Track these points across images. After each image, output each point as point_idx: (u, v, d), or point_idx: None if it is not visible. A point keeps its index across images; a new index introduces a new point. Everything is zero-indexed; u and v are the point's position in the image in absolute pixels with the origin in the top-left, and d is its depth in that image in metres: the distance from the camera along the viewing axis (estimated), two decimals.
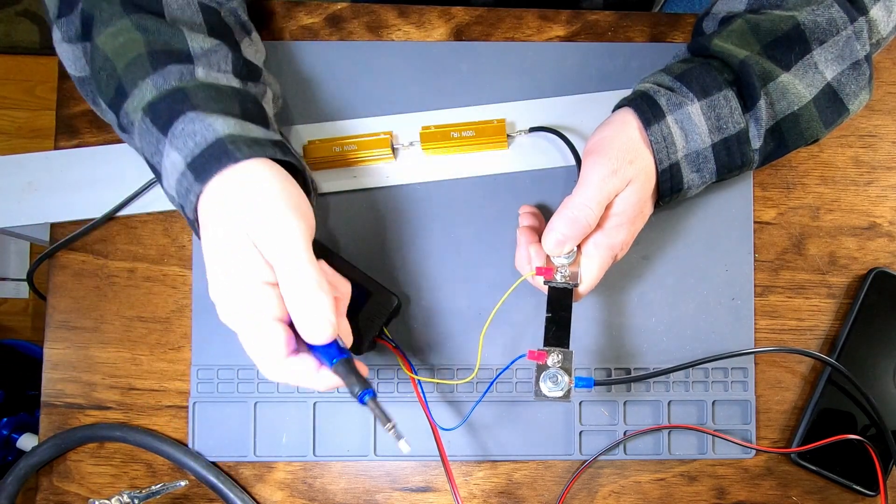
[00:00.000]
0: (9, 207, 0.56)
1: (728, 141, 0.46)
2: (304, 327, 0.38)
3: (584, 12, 0.59)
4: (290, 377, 0.40)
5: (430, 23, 0.58)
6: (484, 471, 0.56)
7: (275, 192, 0.39)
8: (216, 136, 0.40)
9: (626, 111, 0.47)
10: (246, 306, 0.38)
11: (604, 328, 0.57)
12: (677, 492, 0.57)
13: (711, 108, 0.45)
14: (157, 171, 0.43)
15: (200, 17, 0.47)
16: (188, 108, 0.41)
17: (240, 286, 0.38)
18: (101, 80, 0.44)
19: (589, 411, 0.56)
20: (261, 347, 0.39)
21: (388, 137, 0.55)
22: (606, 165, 0.45)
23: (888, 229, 0.58)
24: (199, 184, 0.39)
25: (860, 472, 0.55)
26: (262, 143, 0.41)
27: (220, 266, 0.39)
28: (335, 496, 0.56)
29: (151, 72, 0.42)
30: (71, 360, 0.56)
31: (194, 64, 0.44)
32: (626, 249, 0.48)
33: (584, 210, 0.44)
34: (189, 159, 0.40)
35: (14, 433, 1.18)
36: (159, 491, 0.53)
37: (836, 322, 0.58)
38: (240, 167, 0.39)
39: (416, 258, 0.56)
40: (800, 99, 0.46)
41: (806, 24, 0.45)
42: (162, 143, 0.41)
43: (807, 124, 0.46)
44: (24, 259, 1.45)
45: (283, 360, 0.39)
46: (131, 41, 0.43)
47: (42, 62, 1.49)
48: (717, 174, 0.47)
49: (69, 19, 0.45)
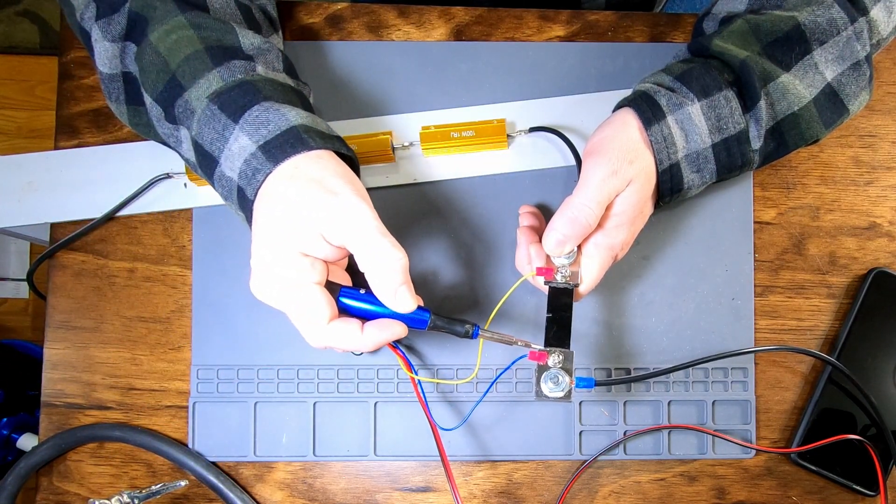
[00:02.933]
0: (9, 207, 0.56)
1: (728, 141, 0.46)
2: (391, 300, 0.40)
3: (584, 12, 0.59)
4: (336, 340, 0.41)
5: (430, 23, 0.58)
6: (484, 471, 0.56)
7: (347, 177, 0.41)
8: (290, 124, 0.42)
9: (626, 111, 0.47)
10: (290, 273, 0.40)
11: (604, 328, 0.57)
12: (677, 492, 0.57)
13: (712, 108, 0.45)
14: (212, 157, 0.44)
15: (239, 15, 0.49)
16: (261, 98, 0.43)
17: (287, 253, 0.40)
18: (150, 76, 0.45)
19: (589, 411, 0.56)
20: (306, 311, 0.40)
21: (388, 137, 0.55)
22: (607, 166, 0.45)
23: (888, 229, 0.58)
24: (272, 164, 0.41)
25: (860, 472, 0.55)
26: (329, 137, 0.43)
27: (270, 236, 0.40)
28: (335, 496, 0.56)
29: (213, 66, 0.44)
30: (71, 360, 0.56)
31: (254, 61, 0.46)
32: (626, 249, 0.48)
33: (585, 210, 0.45)
34: (262, 142, 0.41)
35: (14, 433, 1.18)
36: (159, 491, 0.53)
37: (836, 322, 0.58)
38: (312, 154, 0.41)
39: (415, 258, 0.56)
40: (800, 99, 0.46)
41: (806, 24, 0.45)
42: (229, 129, 0.42)
43: (807, 125, 0.46)
44: (24, 259, 1.45)
45: (326, 325, 0.40)
46: (185, 38, 0.44)
47: (42, 62, 1.49)
48: (717, 174, 0.47)
49: (113, 19, 0.46)
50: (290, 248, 0.40)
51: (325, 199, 0.39)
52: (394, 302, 0.40)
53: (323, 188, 0.40)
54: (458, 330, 0.44)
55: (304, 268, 0.40)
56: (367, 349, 0.42)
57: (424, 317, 0.43)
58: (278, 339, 0.56)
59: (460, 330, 0.44)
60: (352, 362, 0.56)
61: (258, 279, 0.41)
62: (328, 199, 0.39)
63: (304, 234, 0.39)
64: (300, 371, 0.56)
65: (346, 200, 0.39)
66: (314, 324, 0.41)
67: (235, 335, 0.56)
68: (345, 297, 0.42)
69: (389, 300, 0.40)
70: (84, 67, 0.58)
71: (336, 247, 0.40)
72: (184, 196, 0.56)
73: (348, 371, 0.56)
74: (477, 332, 0.44)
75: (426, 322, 0.43)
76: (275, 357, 0.56)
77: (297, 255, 0.40)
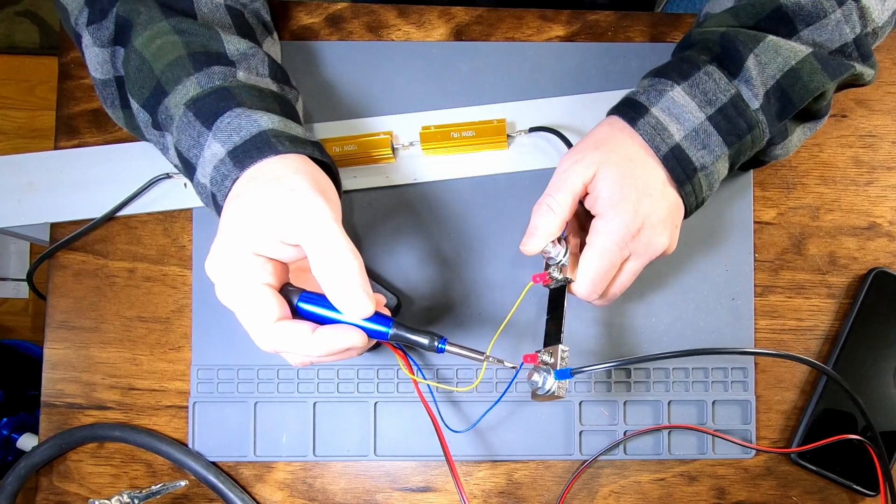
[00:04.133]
0: (9, 207, 0.56)
1: (723, 109, 0.45)
2: (343, 301, 0.38)
3: (584, 12, 0.59)
4: (284, 342, 0.39)
5: (430, 23, 0.58)
6: (484, 471, 0.56)
7: (309, 179, 0.39)
8: (259, 129, 0.41)
9: (609, 117, 0.48)
10: (237, 273, 0.38)
11: (604, 328, 0.57)
12: (677, 492, 0.57)
13: (694, 86, 0.45)
14: (190, 164, 0.43)
15: (229, 20, 0.49)
16: (234, 104, 0.42)
17: (234, 253, 0.38)
18: (135, 82, 0.45)
19: (589, 411, 0.56)
20: (251, 312, 0.38)
21: (388, 137, 0.55)
22: (569, 157, 0.46)
23: (888, 229, 0.58)
24: (238, 170, 0.40)
25: (860, 472, 0.55)
26: (301, 142, 0.43)
27: (225, 236, 0.39)
28: (335, 496, 0.56)
29: (194, 71, 0.44)
30: (71, 360, 0.56)
31: (236, 67, 0.45)
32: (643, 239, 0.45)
33: (547, 199, 0.46)
34: (231, 148, 0.41)
35: (14, 433, 1.18)
36: (159, 491, 0.53)
37: (836, 322, 0.58)
38: (279, 159, 0.40)
39: (416, 258, 0.56)
40: (796, 53, 0.45)
41: (789, 5, 0.45)
42: (204, 137, 0.42)
43: (809, 77, 0.45)
44: (24, 259, 1.45)
45: (273, 325, 0.38)
46: (169, 43, 0.44)
47: (42, 62, 1.49)
48: (726, 145, 0.46)
49: (102, 24, 0.46)
50: (243, 248, 0.38)
51: (282, 196, 0.38)
52: (347, 305, 0.38)
53: (281, 186, 0.39)
54: (423, 342, 0.41)
55: (254, 267, 0.38)
56: (320, 353, 0.39)
57: (386, 326, 0.40)
58: None
59: (425, 342, 0.41)
60: (352, 362, 0.56)
61: (215, 281, 0.39)
62: (284, 196, 0.38)
63: (258, 233, 0.38)
64: (300, 371, 0.56)
65: (302, 196, 0.38)
66: (259, 324, 0.38)
67: (235, 335, 0.56)
68: (304, 301, 0.40)
69: (342, 303, 0.38)
70: (84, 67, 0.58)
71: (293, 246, 0.38)
72: (184, 196, 0.56)
73: (348, 371, 0.56)
74: (443, 346, 0.41)
75: (387, 333, 0.40)
76: (275, 357, 0.56)
77: (248, 254, 0.38)
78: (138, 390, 0.56)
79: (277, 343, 0.39)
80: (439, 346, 0.41)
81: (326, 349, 0.39)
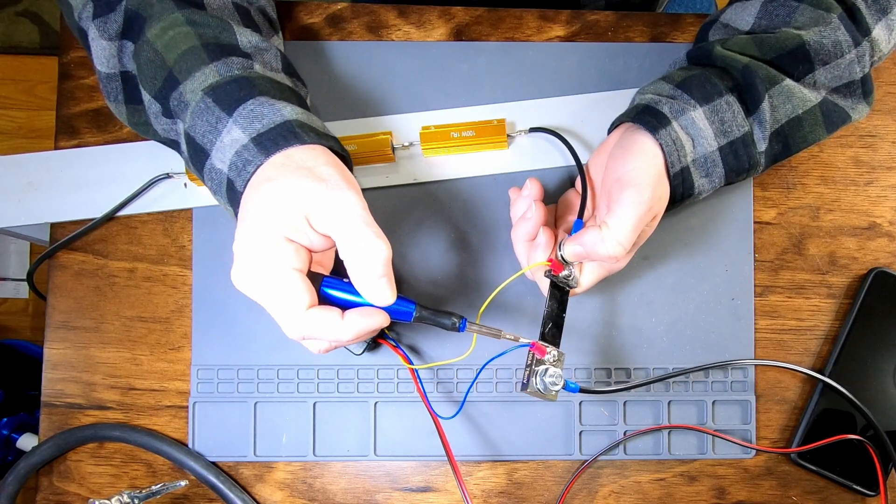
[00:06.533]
0: (9, 207, 0.56)
1: (734, 144, 0.46)
2: (369, 289, 0.39)
3: (584, 12, 0.59)
4: (315, 329, 0.39)
5: (430, 23, 0.58)
6: (484, 471, 0.56)
7: (338, 168, 0.41)
8: (284, 118, 0.42)
9: (640, 134, 0.46)
10: (272, 257, 0.39)
11: (604, 328, 0.57)
12: (677, 492, 0.57)
13: (714, 112, 0.45)
14: (203, 150, 0.43)
15: (237, 17, 0.49)
16: (256, 93, 0.43)
17: (265, 237, 0.39)
18: (147, 73, 0.45)
19: (589, 411, 0.56)
20: (282, 298, 0.39)
21: (387, 137, 0.55)
22: (644, 205, 0.44)
23: (888, 229, 0.58)
24: (263, 156, 0.40)
25: (860, 472, 0.55)
26: (325, 135, 0.43)
27: (255, 221, 0.39)
28: (335, 496, 0.56)
29: (209, 61, 0.44)
30: (71, 360, 0.56)
31: (252, 59, 0.46)
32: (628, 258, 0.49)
33: (617, 249, 0.44)
34: (254, 135, 0.41)
35: (14, 433, 1.18)
36: (159, 491, 0.53)
37: (836, 322, 0.58)
38: (306, 148, 0.41)
39: (416, 258, 0.56)
40: (805, 102, 0.46)
41: (811, 44, 0.46)
42: (223, 122, 0.42)
43: (810, 129, 0.47)
44: (24, 259, 1.45)
45: (304, 312, 0.39)
46: (182, 34, 0.44)
47: (42, 62, 1.49)
48: (725, 178, 0.48)
49: (109, 18, 0.46)
50: (275, 233, 0.39)
51: (314, 185, 0.39)
52: (372, 293, 0.39)
53: (312, 175, 0.39)
54: (445, 322, 0.43)
55: (286, 253, 0.39)
56: (349, 338, 0.40)
57: (410, 308, 0.42)
58: (278, 339, 0.56)
59: (447, 322, 0.43)
60: (352, 362, 0.56)
61: (239, 265, 0.39)
62: (316, 186, 0.39)
63: (290, 218, 0.39)
64: (300, 371, 0.56)
65: (334, 187, 0.39)
66: (291, 311, 0.39)
67: (235, 335, 0.56)
68: (328, 286, 0.41)
69: (367, 291, 0.39)
70: (84, 67, 0.58)
71: (321, 235, 0.39)
72: (184, 196, 0.56)
73: (348, 371, 0.56)
74: (464, 325, 0.43)
75: (411, 314, 0.42)
76: (275, 357, 0.56)
77: (280, 239, 0.39)
78: (138, 390, 0.56)
79: (308, 330, 0.39)
80: (460, 325, 0.43)
81: (356, 333, 0.40)
